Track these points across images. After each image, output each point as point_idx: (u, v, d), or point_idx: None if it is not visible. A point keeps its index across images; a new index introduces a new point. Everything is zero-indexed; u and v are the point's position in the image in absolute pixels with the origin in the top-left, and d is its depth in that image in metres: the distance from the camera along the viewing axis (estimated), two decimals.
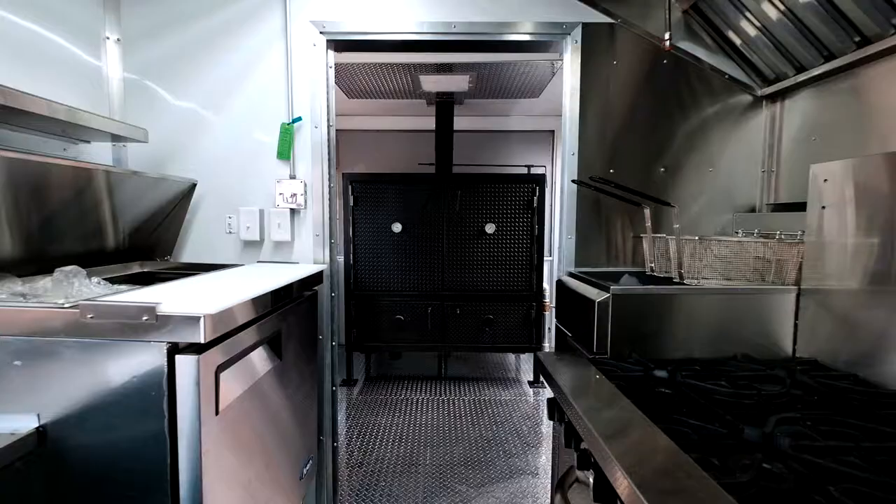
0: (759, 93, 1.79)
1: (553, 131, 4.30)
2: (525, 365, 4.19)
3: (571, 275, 1.82)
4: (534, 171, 4.31)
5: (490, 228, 3.48)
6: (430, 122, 3.75)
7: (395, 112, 4.15)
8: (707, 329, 1.46)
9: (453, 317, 3.56)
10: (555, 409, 1.30)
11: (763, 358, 1.43)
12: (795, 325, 1.46)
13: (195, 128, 1.81)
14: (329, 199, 1.88)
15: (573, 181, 1.79)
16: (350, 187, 3.43)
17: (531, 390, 3.61)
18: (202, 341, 0.93)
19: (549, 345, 3.89)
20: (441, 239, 3.50)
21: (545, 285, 3.61)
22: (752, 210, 1.86)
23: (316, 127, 1.83)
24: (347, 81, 3.33)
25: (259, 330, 1.25)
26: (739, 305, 1.46)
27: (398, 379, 3.79)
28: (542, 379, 3.71)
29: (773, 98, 1.77)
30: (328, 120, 1.85)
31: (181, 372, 0.94)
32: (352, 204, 3.44)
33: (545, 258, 3.64)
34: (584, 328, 1.52)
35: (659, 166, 1.85)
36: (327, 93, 1.83)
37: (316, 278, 1.73)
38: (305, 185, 1.83)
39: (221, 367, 1.04)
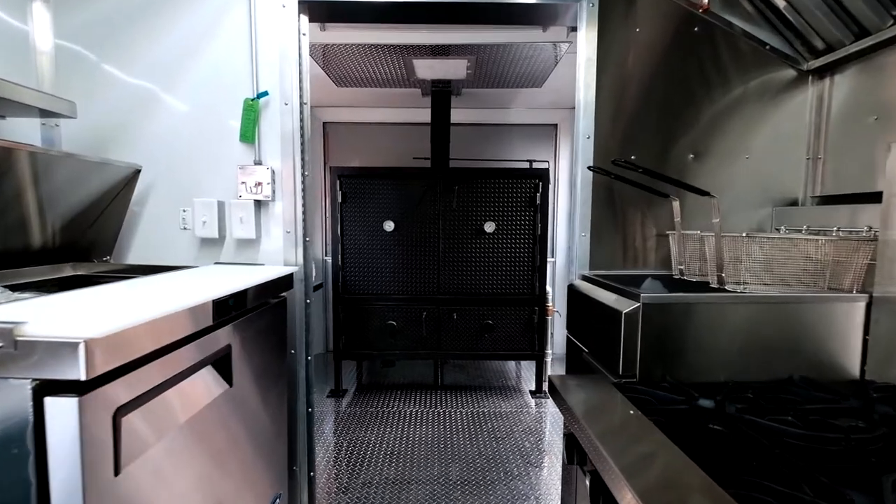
0: (806, 66, 1.51)
1: (556, 125, 4.03)
2: (526, 373, 3.91)
3: (586, 278, 1.54)
4: (536, 166, 4.03)
5: (489, 227, 3.20)
6: (425, 115, 3.47)
7: (389, 103, 3.87)
8: (756, 345, 1.18)
9: (450, 322, 3.27)
10: (574, 450, 1.02)
11: (825, 380, 1.15)
12: (865, 341, 1.18)
13: (142, 105, 1.52)
14: (303, 191, 1.59)
15: (590, 168, 1.51)
16: (338, 182, 3.15)
17: (533, 401, 3.32)
18: (82, 377, 0.65)
19: (551, 351, 3.61)
20: (437, 238, 3.21)
21: (548, 288, 3.33)
22: (794, 203, 1.59)
23: (286, 104, 1.54)
24: (336, 67, 3.05)
25: (195, 351, 0.97)
26: (796, 317, 1.18)
27: (391, 388, 3.51)
28: (545, 389, 3.43)
29: (822, 72, 1.50)
30: (301, 96, 1.56)
31: (54, 421, 0.66)
32: (340, 200, 3.16)
33: (548, 259, 3.36)
34: (607, 344, 1.24)
35: (687, 152, 1.57)
36: (300, 65, 1.55)
37: (284, 282, 1.44)
38: (273, 172, 1.54)
39: (124, 410, 0.75)
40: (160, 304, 0.85)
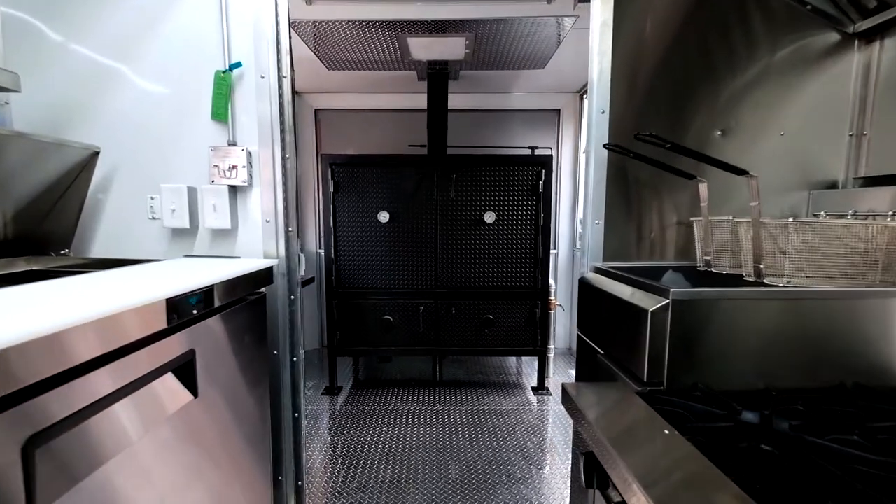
0: (852, 28, 1.33)
1: (559, 110, 3.84)
2: (526, 368, 3.77)
3: (600, 271, 1.38)
4: (538, 153, 3.86)
5: (489, 217, 3.03)
6: (421, 101, 3.28)
7: (383, 88, 3.67)
8: (801, 347, 1.02)
9: (448, 317, 3.11)
10: (595, 473, 0.86)
11: (883, 387, 1.00)
12: None
13: (100, 80, 1.35)
14: (284, 175, 1.42)
15: (606, 147, 1.34)
16: (330, 171, 2.97)
17: (535, 398, 3.18)
18: None
19: (554, 346, 3.46)
20: (434, 229, 3.05)
21: (551, 281, 3.17)
22: (834, 186, 1.42)
23: (263, 77, 1.36)
24: (326, 49, 2.86)
25: (145, 359, 0.81)
26: (847, 314, 1.02)
27: (388, 385, 3.36)
28: (547, 385, 3.29)
29: (871, 35, 1.32)
30: (279, 69, 1.38)
31: None
32: (332, 190, 2.98)
33: (551, 251, 3.20)
34: (628, 346, 1.08)
35: (714, 129, 1.40)
36: (277, 32, 1.36)
37: (262, 277, 1.28)
38: (250, 154, 1.37)
39: (38, 440, 0.59)
40: (101, 305, 0.68)
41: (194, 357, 0.95)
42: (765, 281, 1.08)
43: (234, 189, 1.38)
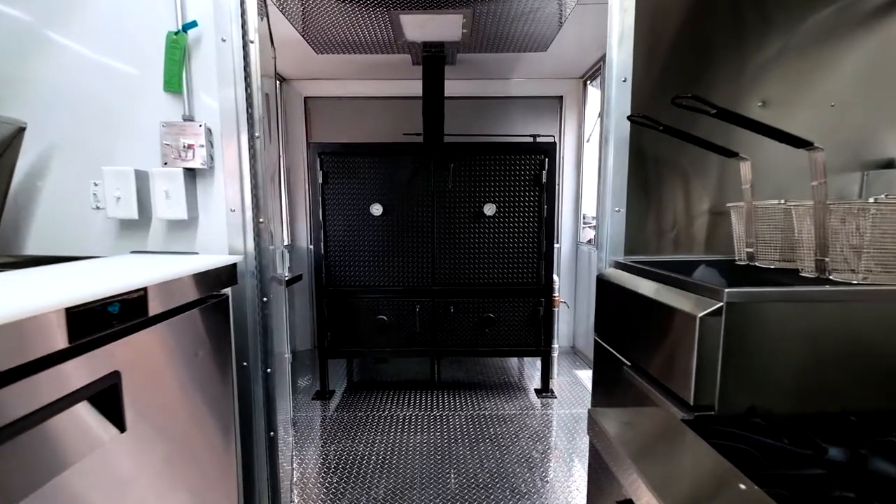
0: None
1: (561, 97, 3.61)
2: (528, 368, 3.57)
3: (622, 266, 1.17)
4: (541, 141, 3.64)
5: (490, 209, 2.82)
6: (417, 88, 3.05)
7: (376, 75, 3.44)
8: (882, 359, 0.82)
9: (446, 316, 2.91)
10: None
11: None
12: None
13: (24, 45, 1.12)
14: (253, 158, 1.20)
15: (631, 119, 1.13)
16: (318, 160, 2.75)
17: (539, 401, 2.98)
18: None
19: (557, 345, 3.25)
20: (431, 223, 2.83)
21: (555, 277, 2.96)
22: (890, 165, 1.21)
23: (224, 40, 1.14)
24: (315, 30, 2.63)
25: (43, 389, 0.60)
26: None
27: (383, 388, 3.15)
28: (551, 386, 3.09)
29: None
30: (245, 31, 1.16)
31: None
32: (321, 181, 2.76)
33: (554, 244, 3.00)
34: (667, 359, 0.87)
35: (755, 99, 1.19)
36: None
37: (223, 276, 1.06)
38: (210, 132, 1.15)
39: None
40: None
41: (119, 381, 0.74)
42: (831, 277, 0.88)
43: (191, 173, 1.17)
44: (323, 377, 3.01)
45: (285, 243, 3.68)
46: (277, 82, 3.50)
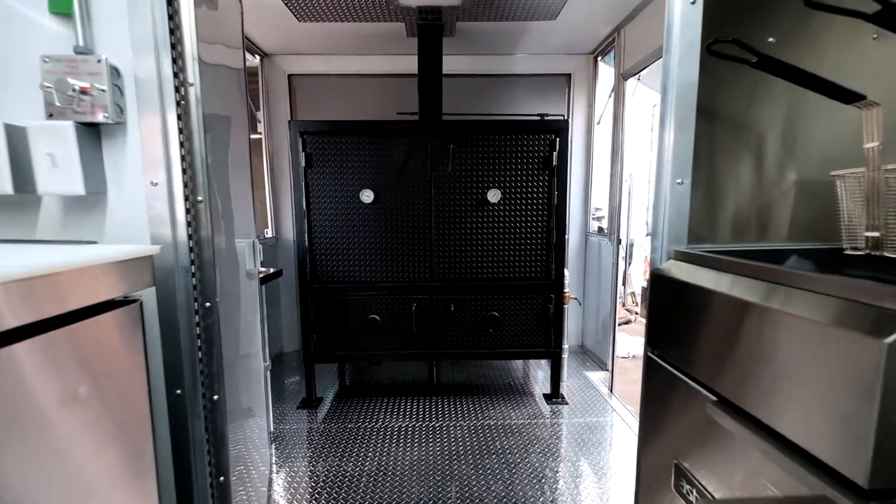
0: None
1: (570, 75, 3.26)
2: (534, 369, 3.26)
3: (690, 258, 0.84)
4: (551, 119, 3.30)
5: (494, 196, 2.49)
6: (412, 64, 2.70)
7: (366, 49, 3.08)
8: None
9: (446, 315, 2.58)
10: None
11: None
12: None
13: None
14: (184, 110, 0.87)
15: (710, 50, 0.79)
16: (301, 140, 2.40)
17: (548, 408, 2.67)
18: None
19: (567, 345, 2.93)
20: (428, 211, 2.50)
21: (566, 271, 2.64)
22: None
23: None
24: None
25: None
26: None
27: (377, 394, 2.83)
28: (562, 391, 2.77)
29: None
30: None
31: None
32: (303, 164, 2.42)
33: (565, 235, 2.67)
34: (804, 405, 0.55)
35: (868, 32, 0.86)
36: None
37: (130, 275, 0.73)
38: (116, 71, 0.81)
39: None
40: None
41: None
42: None
43: (92, 131, 0.82)
44: (309, 384, 2.68)
45: (268, 235, 3.33)
46: (258, 57, 3.13)
